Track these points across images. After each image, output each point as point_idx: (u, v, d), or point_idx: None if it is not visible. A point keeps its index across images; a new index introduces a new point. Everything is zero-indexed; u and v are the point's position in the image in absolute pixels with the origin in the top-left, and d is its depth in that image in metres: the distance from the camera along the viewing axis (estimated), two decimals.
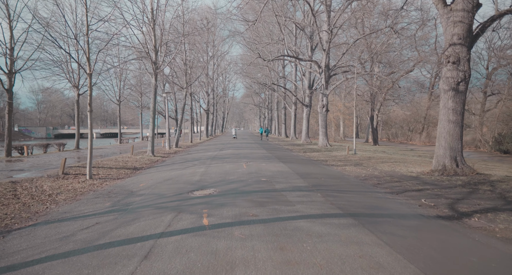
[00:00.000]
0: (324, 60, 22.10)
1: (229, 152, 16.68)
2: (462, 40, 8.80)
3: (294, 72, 35.35)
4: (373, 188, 7.41)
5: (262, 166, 10.49)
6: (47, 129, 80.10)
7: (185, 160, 13.65)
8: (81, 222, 4.59)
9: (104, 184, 8.26)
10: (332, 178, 8.52)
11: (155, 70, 15.76)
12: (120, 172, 10.43)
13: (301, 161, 13.04)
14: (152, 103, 16.14)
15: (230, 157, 13.60)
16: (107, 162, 12.35)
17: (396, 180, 8.48)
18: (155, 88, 16.08)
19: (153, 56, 15.85)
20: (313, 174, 9.15)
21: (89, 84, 9.04)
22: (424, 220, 4.67)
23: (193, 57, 23.69)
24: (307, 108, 30.15)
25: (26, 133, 76.49)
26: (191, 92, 29.91)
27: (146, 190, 6.90)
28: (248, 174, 8.61)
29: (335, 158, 14.89)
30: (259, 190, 6.51)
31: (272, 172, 9.13)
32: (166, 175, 9.17)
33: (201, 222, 4.25)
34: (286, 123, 44.61)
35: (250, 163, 11.19)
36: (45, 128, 79.61)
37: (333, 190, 6.80)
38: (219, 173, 8.88)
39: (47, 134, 78.63)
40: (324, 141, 23.11)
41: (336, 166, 11.68)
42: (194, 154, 16.47)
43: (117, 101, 28.61)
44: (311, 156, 16.00)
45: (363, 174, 9.66)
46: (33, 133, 77.41)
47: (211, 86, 43.10)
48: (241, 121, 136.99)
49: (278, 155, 15.39)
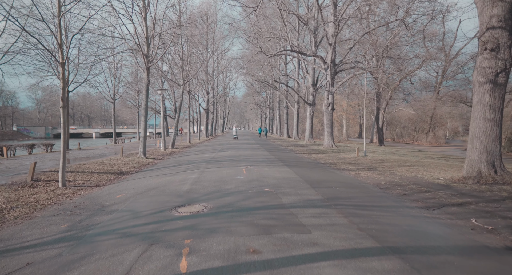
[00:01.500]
0: (330, 55, 20.70)
1: (228, 154, 15.31)
2: (503, 23, 7.40)
3: (297, 70, 33.95)
4: (401, 201, 6.03)
5: (265, 171, 9.12)
6: (46, 128, 79.07)
7: (179, 163, 12.29)
8: (6, 261, 3.22)
9: (76, 194, 6.91)
10: (348, 187, 7.14)
11: (147, 64, 14.40)
12: (102, 178, 9.07)
13: (308, 165, 11.66)
14: (144, 100, 14.79)
15: (228, 160, 12.23)
16: (90, 166, 11.00)
17: (424, 189, 7.09)
18: (147, 83, 14.73)
19: (145, 49, 14.49)
20: (324, 181, 7.77)
21: (62, 75, 7.68)
22: (497, 258, 3.29)
23: (190, 52, 22.34)
24: (310, 107, 28.75)
25: (25, 133, 75.49)
26: (189, 90, 28.56)
27: (121, 205, 5.53)
28: (249, 182, 7.23)
29: (344, 160, 13.51)
30: (262, 206, 5.13)
31: (276, 179, 7.75)
32: (152, 182, 7.80)
33: (177, 267, 2.87)
34: (288, 122, 43.22)
35: (251, 168, 9.81)
36: (44, 128, 78.58)
37: (354, 205, 5.42)
38: (214, 181, 7.51)
39: (46, 134, 77.62)
40: (329, 142, 21.73)
41: (348, 171, 10.29)
42: (190, 156, 15.11)
43: (111, 99, 27.28)
44: (317, 158, 14.63)
45: (382, 181, 8.28)
46: (32, 133, 76.40)
47: (211, 84, 41.74)
48: (242, 121, 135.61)
49: (281, 157, 14.02)
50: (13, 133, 73.81)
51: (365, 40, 23.96)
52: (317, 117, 43.69)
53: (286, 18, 22.02)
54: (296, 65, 34.14)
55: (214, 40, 38.76)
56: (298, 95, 29.18)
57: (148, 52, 14.49)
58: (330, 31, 20.69)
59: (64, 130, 7.80)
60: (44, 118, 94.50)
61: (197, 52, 24.42)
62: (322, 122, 47.41)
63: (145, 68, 14.55)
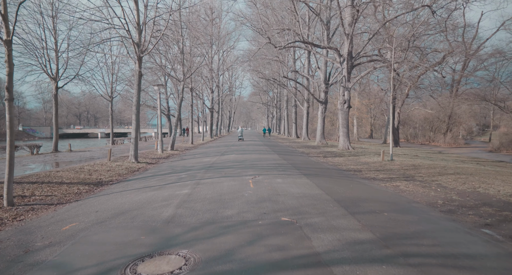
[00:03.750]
0: (347, 47, 18.48)
1: (231, 157, 13.25)
2: None
3: (307, 65, 31.73)
4: (496, 241, 3.87)
5: (278, 183, 7.02)
6: (51, 128, 78.42)
7: (173, 169, 10.26)
8: None
9: (17, 220, 4.91)
10: (398, 212, 4.99)
11: (139, 54, 12.43)
12: (70, 191, 7.09)
13: (328, 172, 9.53)
14: (135, 95, 12.82)
15: (231, 167, 10.16)
16: (64, 174, 9.05)
17: (509, 215, 4.92)
18: (139, 76, 12.75)
19: (136, 36, 12.53)
20: (360, 200, 5.65)
21: (7, 57, 5.71)
22: None
23: (192, 45, 20.36)
24: (322, 105, 26.53)
25: (30, 133, 75.13)
26: (191, 87, 26.62)
27: (54, 250, 3.49)
28: (258, 204, 5.15)
29: (369, 166, 11.35)
30: (281, 258, 3.04)
31: (295, 197, 5.65)
32: (127, 201, 5.77)
33: None
34: (297, 122, 40.97)
35: (260, 178, 7.73)
36: (49, 128, 78.10)
37: (432, 254, 3.28)
38: (210, 201, 5.44)
39: (52, 134, 77.03)
40: (345, 143, 19.52)
41: (381, 181, 8.14)
42: (188, 160, 13.10)
43: (109, 97, 25.48)
44: (336, 163, 12.49)
45: (436, 199, 6.13)
46: (37, 133, 76.00)
47: (216, 82, 39.79)
48: (248, 121, 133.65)
49: (294, 162, 11.91)
50: (18, 133, 73.22)
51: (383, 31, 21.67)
52: (327, 117, 41.43)
53: (296, 6, 19.88)
54: (306, 62, 31.92)
55: (219, 36, 36.83)
56: (309, 92, 27.00)
57: (140, 40, 12.52)
58: (347, 19, 18.49)
59: (10, 130, 5.82)
60: (51, 118, 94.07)
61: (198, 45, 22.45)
62: (332, 122, 45.16)
63: (136, 59, 12.58)
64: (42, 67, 16.91)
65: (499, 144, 30.84)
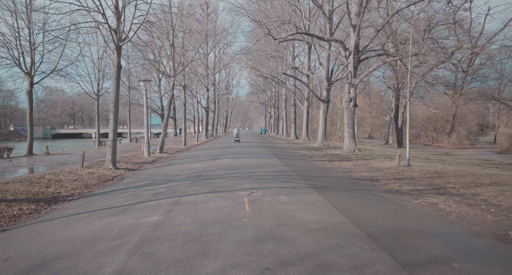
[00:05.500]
0: (354, 39, 16.78)
1: (225, 163, 11.49)
2: None
3: (307, 62, 30.02)
4: None
5: (283, 204, 5.26)
6: (44, 128, 76.41)
7: (152, 180, 8.47)
8: None
9: None
10: (470, 259, 3.27)
11: (117, 42, 10.64)
12: (6, 214, 5.29)
13: (340, 183, 7.80)
14: (113, 91, 11.01)
15: (223, 176, 8.39)
16: (13, 186, 7.23)
17: None
18: (117, 68, 10.94)
19: (114, 22, 10.74)
20: (403, 234, 3.92)
21: None
22: None
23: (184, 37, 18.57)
24: (324, 104, 24.85)
25: (22, 133, 72.83)
26: (184, 84, 24.82)
27: None
28: (255, 248, 3.39)
29: (385, 173, 9.65)
30: None
31: (310, 232, 3.89)
32: (65, 237, 3.99)
33: None
34: (296, 122, 39.24)
35: (258, 194, 5.98)
36: (42, 128, 75.97)
37: None
38: (184, 240, 3.67)
39: (44, 134, 75.00)
40: (351, 145, 17.80)
41: (410, 196, 6.42)
42: (175, 166, 11.32)
43: (95, 95, 23.61)
44: (345, 168, 10.79)
45: (498, 225, 4.42)
46: None
47: (212, 80, 37.98)
48: (245, 121, 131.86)
49: (298, 168, 10.18)
50: (9, 133, 70.96)
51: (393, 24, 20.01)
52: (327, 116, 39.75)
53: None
54: (306, 58, 30.20)
55: (215, 32, 35.00)
56: (310, 89, 25.26)
57: (119, 26, 10.73)
58: (354, 9, 16.81)
59: None
60: (44, 118, 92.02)
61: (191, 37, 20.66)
62: (333, 121, 43.41)
63: (115, 48, 10.79)
64: (14, 60, 15.05)
65: (508, 145, 29.30)
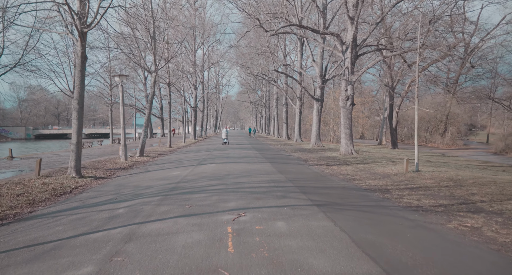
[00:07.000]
0: (351, 32, 15.46)
1: (210, 169, 9.93)
2: None
3: (300, 59, 28.68)
4: None
5: (281, 237, 3.77)
6: (26, 129, 72.77)
7: (116, 194, 6.85)
8: None
9: None
10: None
11: (81, 28, 8.97)
12: None
13: (348, 196, 6.37)
14: (77, 86, 9.34)
15: (205, 189, 6.84)
16: None
17: None
18: (81, 58, 9.27)
19: (76, 3, 9.06)
20: None
21: None
22: None
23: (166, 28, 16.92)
24: (318, 103, 23.57)
25: (3, 133, 69.07)
26: (169, 82, 23.14)
27: None
28: None
29: (393, 181, 8.30)
30: None
31: None
32: None
33: None
34: (288, 122, 37.89)
35: (247, 219, 4.47)
36: (24, 128, 72.40)
37: None
38: None
39: (27, 135, 71.41)
40: (348, 147, 16.49)
41: (437, 216, 5.04)
42: (151, 174, 9.71)
43: (70, 92, 21.65)
44: (346, 175, 9.41)
45: None
46: (11, 134, 70.02)
47: (200, 78, 36.28)
48: (236, 121, 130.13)
49: (294, 175, 8.73)
50: None
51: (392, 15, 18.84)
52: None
53: None
54: (299, 55, 28.86)
55: (204, 28, 33.26)
56: (303, 87, 23.91)
57: (83, 9, 9.06)
58: (351, 1, 15.51)
59: None
60: (27, 118, 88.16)
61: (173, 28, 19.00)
62: (325, 121, 42.22)
63: (78, 35, 9.12)
64: None
65: (504, 146, 28.60)
